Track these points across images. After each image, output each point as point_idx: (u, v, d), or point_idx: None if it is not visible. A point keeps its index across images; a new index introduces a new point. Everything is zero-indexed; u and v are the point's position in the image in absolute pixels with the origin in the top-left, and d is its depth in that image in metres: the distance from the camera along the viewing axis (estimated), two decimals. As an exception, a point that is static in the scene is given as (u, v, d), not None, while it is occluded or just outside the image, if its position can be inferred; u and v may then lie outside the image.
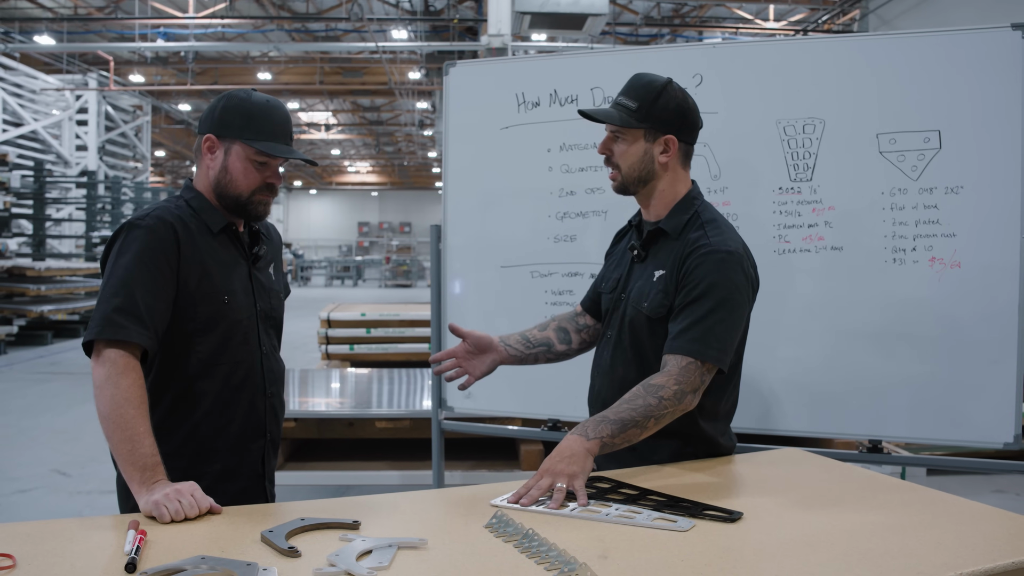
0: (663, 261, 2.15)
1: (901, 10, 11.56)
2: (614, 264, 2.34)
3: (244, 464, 2.12)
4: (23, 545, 1.50)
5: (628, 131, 2.14)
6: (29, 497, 5.44)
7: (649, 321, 2.13)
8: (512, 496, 1.82)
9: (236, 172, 2.05)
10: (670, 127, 2.13)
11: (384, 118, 28.45)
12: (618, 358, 2.21)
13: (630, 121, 2.12)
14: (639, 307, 2.15)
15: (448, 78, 3.45)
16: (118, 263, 1.95)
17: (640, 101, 2.12)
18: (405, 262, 36.24)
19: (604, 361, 2.26)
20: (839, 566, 1.45)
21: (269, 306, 2.19)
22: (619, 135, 2.16)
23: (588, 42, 14.34)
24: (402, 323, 6.96)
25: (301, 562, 1.46)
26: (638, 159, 2.15)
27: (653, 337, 2.13)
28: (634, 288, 2.20)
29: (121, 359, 1.85)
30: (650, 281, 2.15)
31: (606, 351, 2.26)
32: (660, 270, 2.14)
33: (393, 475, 4.15)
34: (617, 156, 2.17)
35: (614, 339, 2.24)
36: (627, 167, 2.16)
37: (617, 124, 2.14)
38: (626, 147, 2.15)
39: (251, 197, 2.07)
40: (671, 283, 2.10)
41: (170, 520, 1.65)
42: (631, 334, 2.18)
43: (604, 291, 2.33)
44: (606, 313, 2.30)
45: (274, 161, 2.08)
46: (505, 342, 2.34)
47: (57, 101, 18.83)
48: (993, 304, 2.81)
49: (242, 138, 2.03)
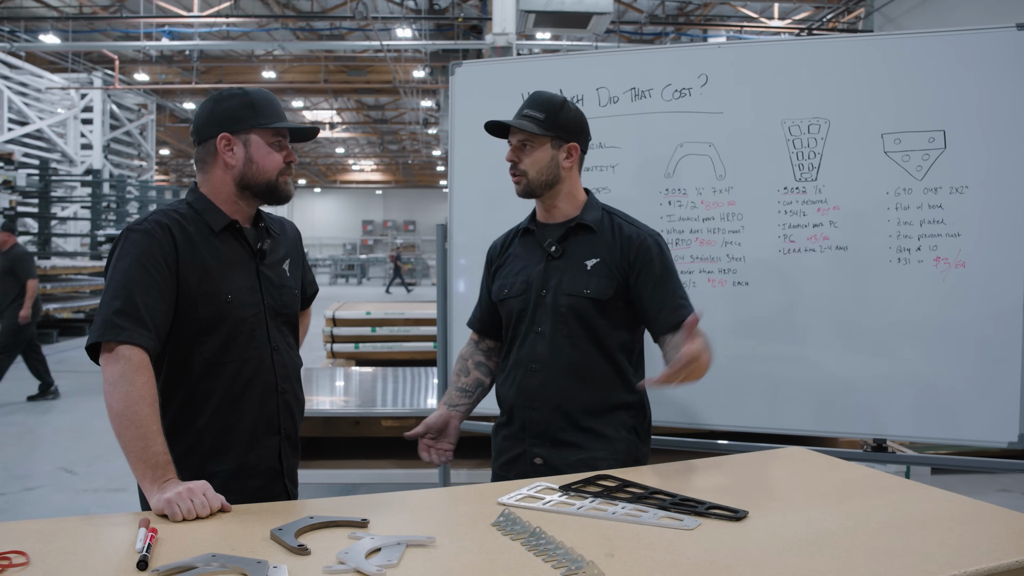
0: (591, 252, 2.36)
1: (906, 8, 11.54)
2: (514, 270, 2.48)
3: (260, 461, 2.13)
4: (36, 542, 1.52)
5: (536, 139, 2.34)
6: (36, 495, 5.47)
7: (595, 303, 2.33)
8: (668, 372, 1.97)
9: (261, 158, 2.10)
10: (573, 136, 2.37)
11: (388, 116, 28.47)
12: (559, 347, 2.35)
13: (540, 130, 2.33)
14: (579, 293, 2.33)
15: (454, 78, 3.46)
16: (117, 267, 1.98)
17: (546, 112, 2.34)
18: (409, 260, 36.27)
19: (541, 354, 2.37)
20: (843, 564, 1.47)
21: (279, 302, 2.19)
22: (527, 143, 2.35)
23: (592, 41, 14.37)
24: (407, 322, 6.97)
25: (311, 560, 1.47)
26: (545, 164, 2.36)
27: (602, 316, 2.34)
28: (562, 281, 2.36)
29: (136, 356, 1.87)
30: (583, 271, 2.35)
31: (539, 345, 2.37)
32: (592, 259, 2.35)
33: (399, 473, 4.17)
34: (525, 163, 2.36)
35: (548, 332, 2.36)
36: (535, 172, 2.36)
37: (531, 131, 2.32)
38: (534, 154, 2.35)
39: (278, 179, 2.14)
40: (612, 268, 2.33)
41: (182, 519, 1.67)
42: (573, 320, 2.34)
43: (509, 296, 2.45)
44: (518, 314, 2.43)
45: (285, 140, 2.15)
46: (450, 404, 2.55)
47: (62, 100, 18.90)
48: (998, 304, 2.81)
49: (258, 125, 2.09)
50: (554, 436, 2.34)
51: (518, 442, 2.41)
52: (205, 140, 2.11)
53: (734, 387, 3.06)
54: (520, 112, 2.37)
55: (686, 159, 3.14)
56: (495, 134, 2.43)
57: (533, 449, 2.37)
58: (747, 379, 3.01)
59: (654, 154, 3.18)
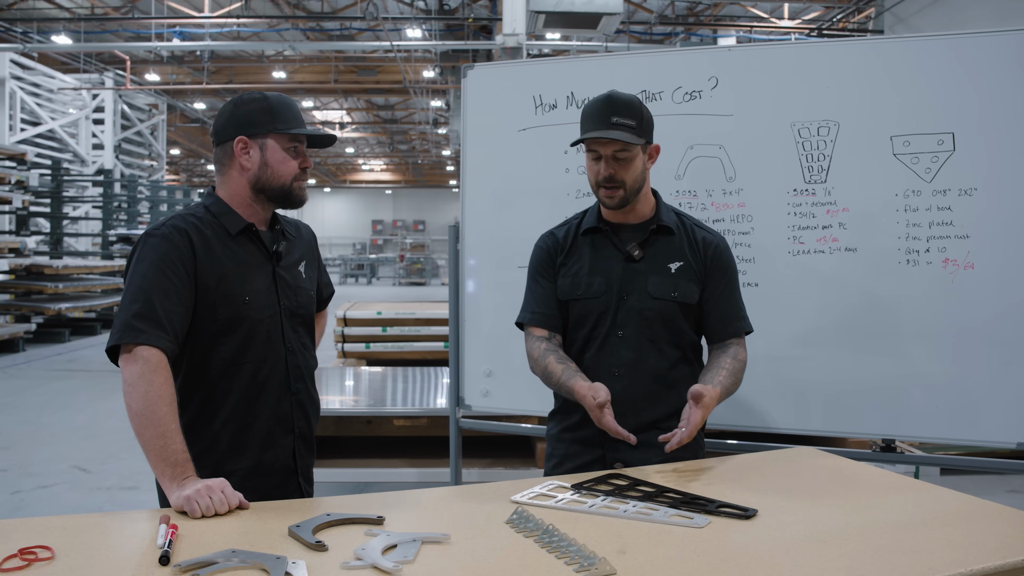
0: (673, 254, 2.33)
1: (916, 8, 11.50)
2: (585, 270, 2.36)
3: (275, 460, 2.17)
4: (60, 538, 1.56)
5: (632, 148, 2.25)
6: (50, 493, 5.51)
7: (682, 307, 2.31)
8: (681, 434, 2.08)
9: (276, 163, 2.14)
10: (652, 137, 2.34)
11: (398, 116, 28.48)
12: (645, 351, 2.31)
13: (636, 138, 2.24)
14: (666, 297, 2.30)
15: (466, 80, 3.49)
16: (136, 271, 2.03)
17: (636, 119, 2.25)
18: (419, 260, 36.29)
19: (624, 359, 2.30)
20: (851, 562, 1.49)
21: (295, 303, 2.23)
22: (622, 153, 2.25)
23: (602, 41, 14.37)
24: (418, 322, 6.97)
25: (328, 556, 1.50)
26: (640, 172, 2.30)
27: (687, 319, 2.34)
28: (646, 284, 2.30)
29: (154, 357, 1.92)
30: (667, 274, 2.31)
31: (623, 350, 2.31)
32: (675, 262, 2.32)
33: (411, 472, 4.19)
34: (623, 174, 2.27)
35: (632, 336, 2.31)
36: (632, 181, 2.28)
37: (632, 142, 2.23)
38: (632, 163, 2.27)
39: (292, 184, 2.17)
40: (694, 272, 2.32)
41: (201, 516, 1.70)
42: (659, 325, 2.31)
43: (586, 296, 2.35)
44: (597, 316, 2.33)
45: (302, 145, 2.18)
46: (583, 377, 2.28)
47: (74, 100, 19.00)
48: (1006, 305, 2.82)
49: (275, 130, 2.13)
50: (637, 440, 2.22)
51: (593, 447, 2.33)
52: (223, 142, 2.16)
53: (744, 387, 3.04)
54: (607, 120, 2.22)
55: (696, 161, 3.16)
56: (576, 144, 2.33)
57: (614, 455, 2.29)
58: (757, 380, 3.02)
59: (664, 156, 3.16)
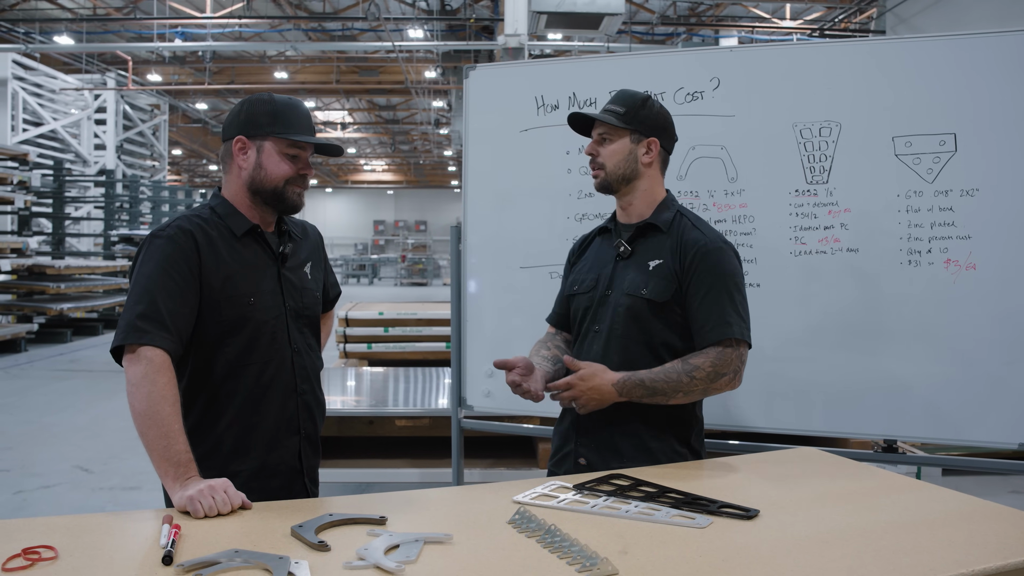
0: (656, 252, 2.35)
1: (918, 8, 11.49)
2: (586, 267, 2.49)
3: (280, 461, 2.18)
4: (63, 538, 1.56)
5: (615, 132, 2.36)
6: (52, 493, 5.52)
7: (651, 305, 2.30)
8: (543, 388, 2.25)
9: (270, 166, 2.14)
10: (653, 131, 2.37)
11: (400, 117, 28.49)
12: (612, 347, 2.34)
13: (619, 122, 2.34)
14: (637, 294, 2.32)
15: (468, 81, 3.50)
16: (141, 272, 2.04)
17: (627, 107, 2.36)
18: (421, 260, 36.30)
19: (594, 353, 2.36)
20: (853, 563, 1.49)
21: (301, 304, 2.23)
22: (606, 137, 2.37)
23: (604, 41, 14.37)
24: (420, 322, 6.97)
25: (331, 556, 1.51)
26: (623, 158, 2.36)
27: (657, 319, 2.31)
28: (624, 280, 2.35)
29: (158, 357, 1.92)
30: (644, 271, 2.34)
31: (596, 344, 2.37)
32: (655, 260, 2.33)
33: (413, 472, 4.19)
34: (603, 155, 2.38)
35: (605, 331, 2.36)
36: (612, 165, 2.37)
37: (611, 123, 2.34)
38: (612, 147, 2.36)
39: (285, 187, 2.17)
40: (671, 271, 2.30)
41: (204, 516, 1.70)
42: (629, 322, 2.33)
43: (578, 292, 2.46)
44: (583, 311, 2.44)
45: (303, 152, 2.18)
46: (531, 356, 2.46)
47: (76, 100, 19.02)
48: (1008, 306, 2.82)
49: (273, 134, 2.13)
50: (598, 437, 2.33)
51: (568, 440, 2.41)
52: (226, 140, 2.18)
53: (745, 388, 3.04)
54: (605, 106, 2.40)
55: (698, 161, 3.16)
56: (578, 131, 2.47)
57: (580, 449, 2.36)
58: (758, 380, 3.02)
59: (666, 156, 3.20)
